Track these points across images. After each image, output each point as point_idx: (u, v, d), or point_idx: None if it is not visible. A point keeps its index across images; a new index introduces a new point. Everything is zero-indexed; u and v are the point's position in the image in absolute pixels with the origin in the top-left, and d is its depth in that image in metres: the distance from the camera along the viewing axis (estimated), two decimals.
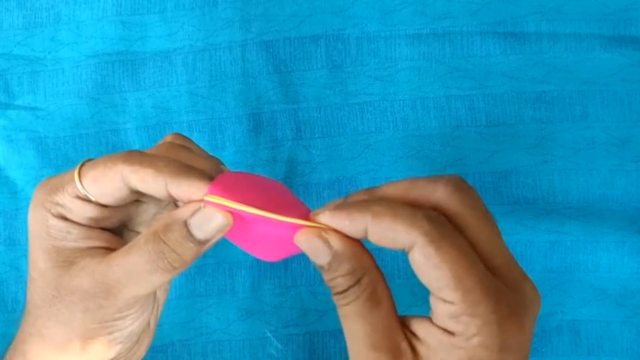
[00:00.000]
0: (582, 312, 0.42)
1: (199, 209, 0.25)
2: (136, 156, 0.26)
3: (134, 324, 0.28)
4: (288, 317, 0.43)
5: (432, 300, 0.24)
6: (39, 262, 0.27)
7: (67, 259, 0.26)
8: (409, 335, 0.25)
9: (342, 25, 0.44)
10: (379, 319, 0.25)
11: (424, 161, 0.43)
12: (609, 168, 0.42)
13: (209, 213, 0.25)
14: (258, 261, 0.43)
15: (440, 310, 0.24)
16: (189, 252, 0.25)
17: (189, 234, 0.25)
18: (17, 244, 0.45)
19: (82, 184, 0.26)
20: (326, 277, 0.25)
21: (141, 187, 0.26)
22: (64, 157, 0.45)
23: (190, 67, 0.44)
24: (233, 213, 0.25)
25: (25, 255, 0.44)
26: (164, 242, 0.25)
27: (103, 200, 0.27)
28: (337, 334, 0.43)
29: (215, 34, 0.44)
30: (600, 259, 0.42)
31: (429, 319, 0.25)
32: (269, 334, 0.43)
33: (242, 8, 0.44)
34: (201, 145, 0.44)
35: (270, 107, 0.44)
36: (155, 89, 0.45)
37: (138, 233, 0.31)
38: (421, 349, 0.25)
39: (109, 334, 0.27)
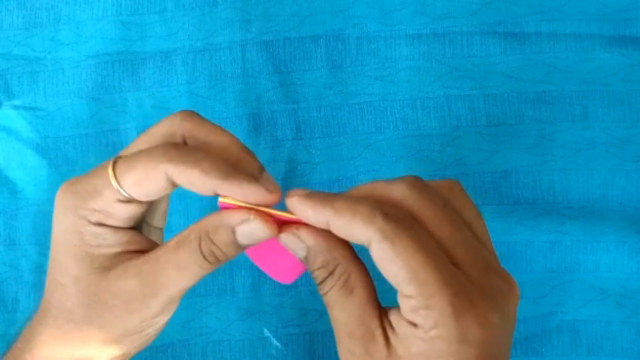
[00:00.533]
0: (582, 312, 0.42)
1: (247, 219, 0.26)
2: (178, 154, 0.26)
3: (165, 319, 0.29)
4: (288, 317, 0.43)
5: (398, 295, 0.25)
6: (71, 270, 0.27)
7: (101, 265, 0.27)
8: (386, 324, 0.25)
9: (342, 25, 0.44)
10: (353, 306, 0.25)
11: (424, 161, 0.43)
12: (609, 168, 0.42)
13: (257, 226, 0.26)
14: None
15: (403, 304, 0.24)
16: (232, 252, 0.27)
17: (235, 240, 0.26)
18: (16, 244, 0.45)
19: (122, 187, 0.26)
20: (309, 270, 0.26)
21: (187, 186, 0.26)
22: (64, 157, 0.45)
23: (190, 67, 0.44)
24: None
25: (25, 255, 0.44)
26: (213, 242, 0.26)
27: (145, 199, 0.27)
28: None
29: (215, 34, 0.44)
30: (600, 259, 0.42)
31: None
32: (268, 334, 0.43)
33: (242, 8, 0.44)
34: None
35: (270, 107, 0.44)
36: (155, 89, 0.45)
37: (154, 226, 0.31)
38: (392, 338, 0.25)
39: (143, 330, 0.28)
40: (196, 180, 0.25)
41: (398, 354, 0.25)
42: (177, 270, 0.26)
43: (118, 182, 0.26)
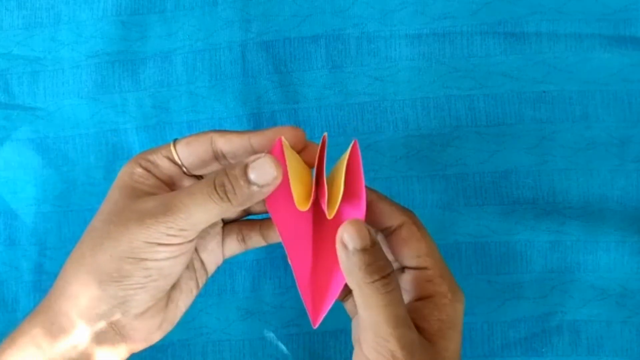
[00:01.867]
0: (582, 312, 0.42)
1: (259, 157, 0.29)
2: (221, 129, 0.32)
3: (166, 264, 0.29)
4: (288, 317, 0.43)
5: (408, 276, 0.31)
6: (113, 195, 0.31)
7: (137, 195, 0.30)
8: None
9: (342, 25, 0.44)
10: (405, 308, 0.29)
11: (424, 161, 0.43)
12: (609, 168, 0.42)
13: (266, 162, 0.29)
14: (258, 261, 0.43)
15: (419, 277, 0.31)
16: (241, 189, 0.28)
17: (245, 173, 0.28)
18: (17, 244, 0.45)
19: (175, 147, 0.31)
20: (365, 260, 0.28)
21: (227, 147, 0.31)
22: (64, 157, 0.45)
23: (190, 67, 0.44)
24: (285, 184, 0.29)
25: (25, 255, 0.44)
26: (226, 175, 0.29)
27: (188, 162, 0.32)
28: (337, 333, 0.43)
29: (215, 34, 0.44)
30: (600, 259, 0.42)
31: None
32: (270, 333, 0.43)
33: (242, 8, 0.44)
34: None
35: (270, 107, 0.44)
36: (155, 88, 0.45)
37: (199, 256, 0.34)
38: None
39: (146, 259, 0.29)
40: (234, 137, 0.31)
41: (433, 330, 0.30)
42: (189, 197, 0.29)
43: (174, 145, 0.31)
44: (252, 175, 0.28)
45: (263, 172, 0.28)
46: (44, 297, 0.30)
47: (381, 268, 0.28)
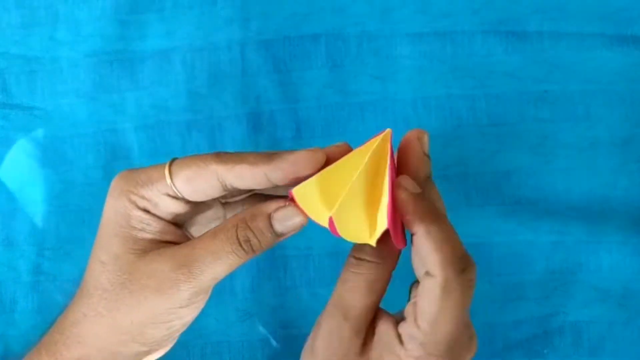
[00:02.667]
0: (584, 313, 0.42)
1: (283, 206, 0.28)
2: (226, 156, 0.28)
3: (192, 315, 0.30)
4: (288, 318, 0.43)
5: (407, 308, 0.29)
6: (113, 247, 0.28)
7: (142, 248, 0.28)
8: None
9: (343, 24, 0.44)
10: (363, 305, 0.29)
11: None
12: (612, 168, 0.42)
13: (290, 212, 0.28)
14: (257, 262, 0.43)
15: (406, 322, 0.28)
16: (267, 241, 0.28)
17: (270, 226, 0.28)
18: (14, 244, 0.44)
19: (173, 183, 0.28)
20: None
21: (238, 183, 0.28)
22: (62, 156, 0.45)
23: (189, 66, 0.44)
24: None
25: (23, 256, 0.44)
26: (250, 229, 0.28)
27: (193, 198, 0.29)
28: None
29: (214, 32, 0.44)
30: (602, 259, 0.42)
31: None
32: (269, 335, 0.43)
33: (242, 7, 0.44)
34: (200, 145, 0.44)
35: (270, 106, 0.44)
36: (154, 88, 0.44)
37: (190, 233, 0.32)
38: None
39: (170, 320, 0.28)
40: (245, 172, 0.27)
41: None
42: (211, 256, 0.27)
43: (171, 178, 0.28)
44: (278, 226, 0.28)
45: (288, 222, 0.28)
46: (47, 335, 0.30)
47: (357, 249, 0.29)
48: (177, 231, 0.31)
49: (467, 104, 0.43)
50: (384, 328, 0.29)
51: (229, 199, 0.33)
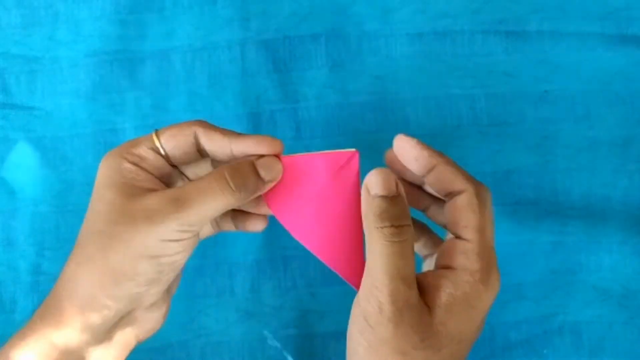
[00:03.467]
0: (584, 313, 0.42)
1: (266, 156, 0.32)
2: (205, 123, 0.32)
3: (181, 255, 0.31)
4: (288, 318, 0.43)
5: (446, 242, 0.31)
6: (107, 196, 0.30)
7: (130, 193, 0.30)
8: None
9: (343, 23, 0.44)
10: (413, 266, 0.30)
11: None
12: (612, 168, 0.42)
13: (272, 160, 0.32)
14: (257, 262, 0.43)
15: (454, 247, 0.31)
16: (253, 183, 0.31)
17: (255, 170, 0.31)
18: (14, 244, 0.44)
19: (158, 138, 0.31)
20: (381, 206, 0.29)
21: (208, 145, 0.31)
22: (62, 156, 0.45)
23: (189, 66, 0.44)
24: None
25: (22, 256, 0.44)
26: (237, 170, 0.31)
27: (172, 154, 0.32)
28: (337, 335, 0.42)
29: (214, 32, 0.44)
30: (602, 259, 0.42)
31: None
32: (269, 335, 0.43)
33: (242, 6, 0.44)
34: None
35: (270, 106, 0.44)
36: (153, 88, 0.44)
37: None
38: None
39: (160, 256, 0.30)
40: (217, 137, 0.31)
41: (440, 301, 0.29)
42: (201, 193, 0.30)
43: (157, 137, 0.31)
44: (261, 172, 0.31)
45: (271, 169, 0.31)
46: (47, 298, 0.31)
47: (395, 217, 0.29)
48: (168, 184, 0.33)
49: (467, 103, 0.43)
50: (428, 276, 0.30)
51: None
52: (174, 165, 0.33)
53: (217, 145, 0.31)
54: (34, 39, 0.45)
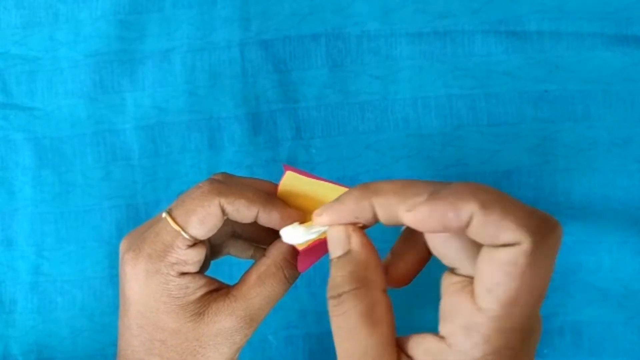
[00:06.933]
0: (584, 313, 0.42)
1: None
2: (225, 188, 0.29)
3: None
4: (288, 318, 0.43)
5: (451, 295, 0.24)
6: (168, 324, 0.29)
7: (193, 312, 0.29)
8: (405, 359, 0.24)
9: (343, 23, 0.44)
10: (373, 342, 0.24)
11: (425, 161, 0.43)
12: (611, 168, 0.42)
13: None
14: None
15: (457, 306, 0.23)
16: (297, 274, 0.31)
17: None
18: (14, 244, 0.44)
19: (188, 233, 0.29)
20: (330, 274, 0.26)
21: (234, 215, 0.29)
22: (62, 157, 0.45)
23: (189, 67, 0.44)
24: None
25: (22, 256, 0.44)
26: (293, 267, 0.30)
27: (207, 237, 0.29)
28: None
29: (214, 32, 0.44)
30: (602, 259, 0.42)
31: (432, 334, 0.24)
32: (270, 335, 0.43)
33: (241, 6, 0.44)
34: (200, 145, 0.44)
35: (270, 106, 0.44)
36: (153, 88, 0.44)
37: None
38: None
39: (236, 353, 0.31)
40: (243, 207, 0.29)
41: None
42: (267, 301, 0.30)
43: (183, 229, 0.28)
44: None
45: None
46: None
47: (334, 285, 0.25)
48: (209, 278, 0.31)
49: (467, 103, 0.43)
50: (417, 349, 0.24)
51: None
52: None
53: (242, 216, 0.29)
54: (34, 39, 0.45)
